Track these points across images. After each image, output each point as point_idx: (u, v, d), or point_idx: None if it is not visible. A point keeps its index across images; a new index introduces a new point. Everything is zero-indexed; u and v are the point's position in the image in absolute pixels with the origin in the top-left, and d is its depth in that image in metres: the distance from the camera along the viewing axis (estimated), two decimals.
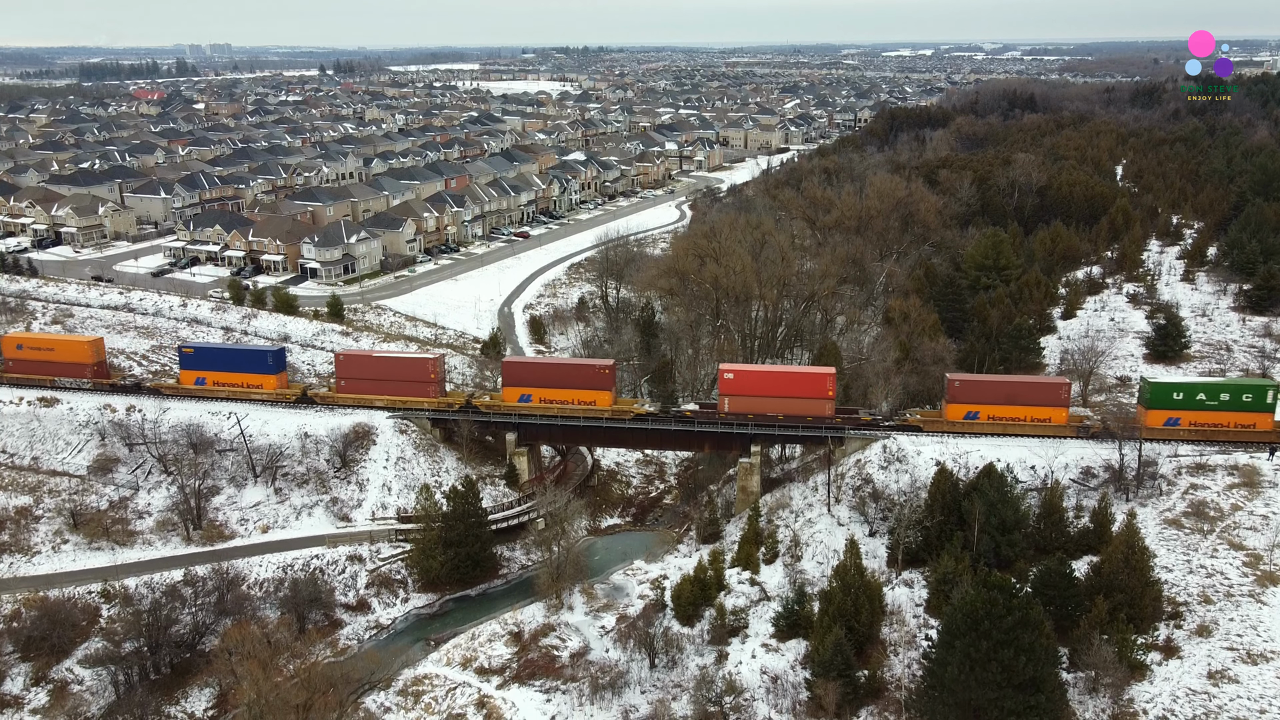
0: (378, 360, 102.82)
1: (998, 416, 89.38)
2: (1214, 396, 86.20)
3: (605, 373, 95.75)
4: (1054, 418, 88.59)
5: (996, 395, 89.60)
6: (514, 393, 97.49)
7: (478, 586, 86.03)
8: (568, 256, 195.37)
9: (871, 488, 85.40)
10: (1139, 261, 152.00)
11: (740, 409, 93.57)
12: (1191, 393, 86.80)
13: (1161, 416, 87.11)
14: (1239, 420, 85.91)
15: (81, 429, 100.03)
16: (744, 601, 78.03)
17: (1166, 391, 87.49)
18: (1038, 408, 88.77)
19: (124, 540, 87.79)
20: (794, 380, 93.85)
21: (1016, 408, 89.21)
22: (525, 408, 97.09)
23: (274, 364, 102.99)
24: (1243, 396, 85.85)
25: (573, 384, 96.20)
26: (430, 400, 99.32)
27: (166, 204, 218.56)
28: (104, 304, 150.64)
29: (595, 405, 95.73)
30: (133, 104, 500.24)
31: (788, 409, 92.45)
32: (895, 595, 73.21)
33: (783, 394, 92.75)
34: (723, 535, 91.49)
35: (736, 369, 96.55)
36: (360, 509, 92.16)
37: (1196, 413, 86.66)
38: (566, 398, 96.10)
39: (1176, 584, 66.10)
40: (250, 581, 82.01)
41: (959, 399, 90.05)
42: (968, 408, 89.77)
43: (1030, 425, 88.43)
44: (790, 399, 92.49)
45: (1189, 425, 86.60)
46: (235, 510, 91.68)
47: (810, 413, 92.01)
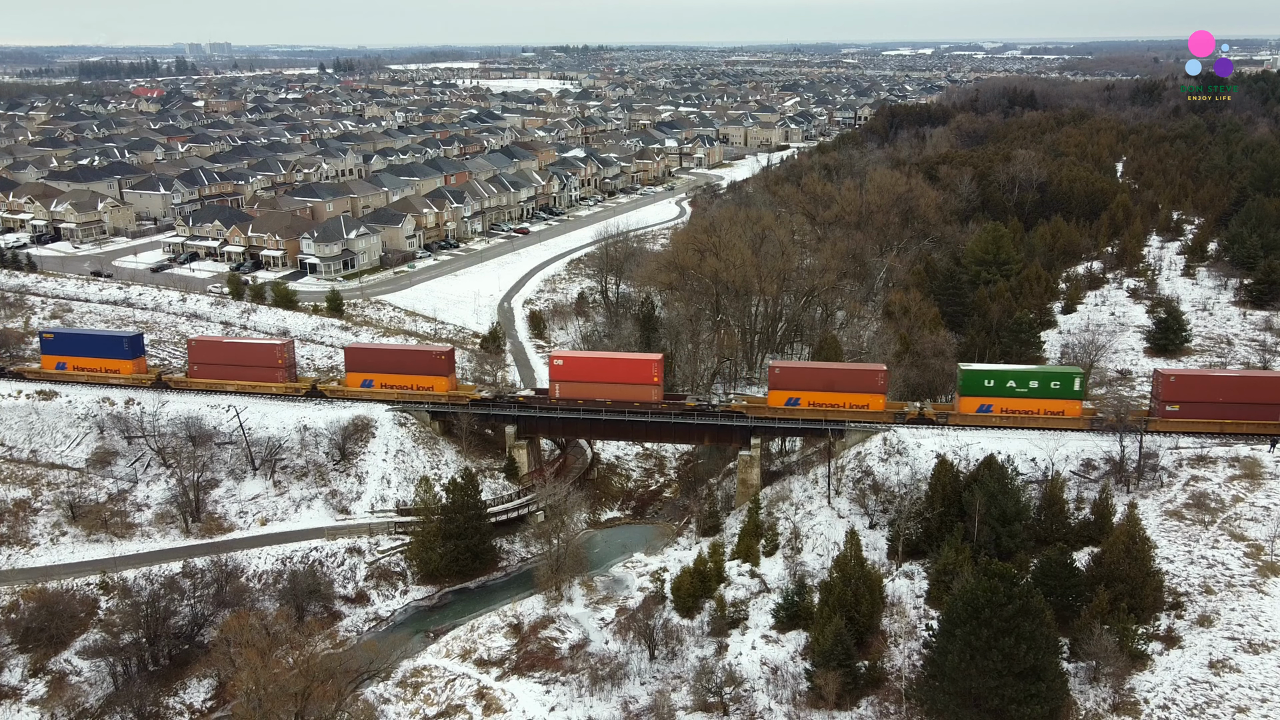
0: (228, 346, 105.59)
1: (817, 403, 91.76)
2: (1024, 384, 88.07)
3: (443, 359, 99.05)
4: (871, 404, 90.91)
5: (816, 382, 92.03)
6: (357, 378, 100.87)
7: (477, 579, 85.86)
8: (568, 252, 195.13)
9: (872, 480, 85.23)
10: (1139, 257, 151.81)
11: (571, 394, 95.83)
12: (1002, 380, 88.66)
13: (975, 403, 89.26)
14: (1049, 407, 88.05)
15: (80, 422, 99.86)
16: (744, 593, 77.85)
17: (978, 379, 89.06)
18: (856, 394, 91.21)
19: (123, 532, 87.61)
20: (620, 366, 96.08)
21: (836, 394, 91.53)
22: (368, 393, 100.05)
23: (130, 349, 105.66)
24: (1051, 384, 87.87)
25: (412, 369, 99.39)
26: (279, 385, 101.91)
27: (166, 200, 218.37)
28: (103, 299, 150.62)
29: (433, 390, 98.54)
30: (132, 102, 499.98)
31: (615, 394, 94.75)
32: (895, 586, 73.04)
33: (610, 380, 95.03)
34: (723, 528, 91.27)
35: (566, 355, 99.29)
36: (359, 501, 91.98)
37: (1008, 399, 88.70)
38: (406, 383, 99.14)
39: (1177, 574, 65.88)
40: (249, 574, 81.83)
41: (780, 385, 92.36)
42: (789, 394, 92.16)
43: (850, 411, 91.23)
44: (618, 384, 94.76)
45: (1000, 412, 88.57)
46: (234, 503, 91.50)
47: (637, 398, 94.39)
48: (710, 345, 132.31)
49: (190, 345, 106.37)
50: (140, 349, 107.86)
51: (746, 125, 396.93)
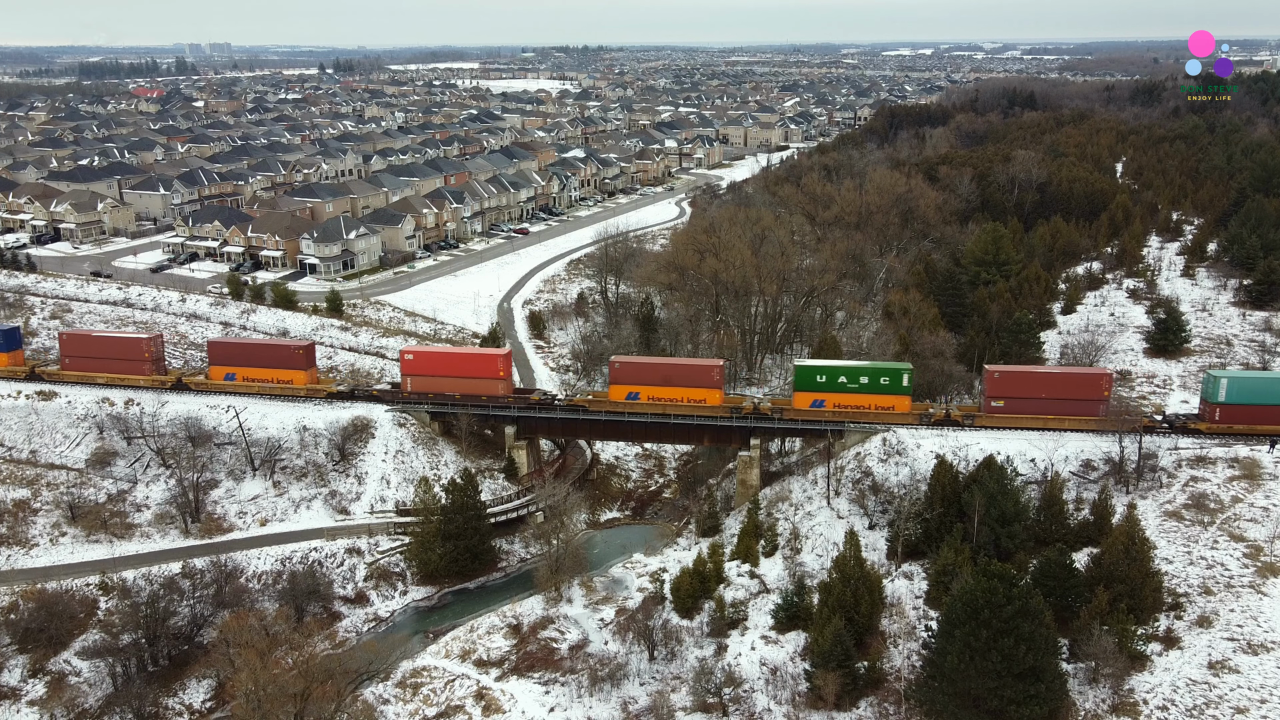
0: (97, 339, 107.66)
1: (656, 397, 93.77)
2: (854, 379, 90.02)
3: (300, 353, 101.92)
4: (708, 399, 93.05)
5: (654, 377, 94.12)
6: (220, 371, 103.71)
7: (476, 579, 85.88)
8: (567, 253, 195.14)
9: (871, 480, 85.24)
10: (1139, 257, 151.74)
11: (421, 387, 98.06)
12: (833, 375, 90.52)
13: (808, 398, 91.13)
14: (879, 402, 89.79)
15: (80, 422, 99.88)
16: (743, 594, 77.85)
17: (811, 374, 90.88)
18: (693, 389, 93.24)
19: (122, 533, 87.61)
20: (468, 361, 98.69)
21: (674, 389, 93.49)
22: (230, 386, 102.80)
23: (4, 343, 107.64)
24: (880, 379, 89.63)
25: (272, 363, 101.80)
26: (145, 379, 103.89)
27: (165, 200, 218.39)
28: (103, 299, 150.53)
29: (292, 384, 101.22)
30: (132, 102, 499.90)
31: (463, 388, 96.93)
32: (895, 587, 73.04)
33: (459, 374, 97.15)
34: (722, 529, 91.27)
35: (416, 350, 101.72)
36: (359, 502, 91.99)
37: (839, 394, 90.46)
38: (266, 376, 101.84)
39: (1177, 575, 65.89)
40: (249, 574, 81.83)
41: (620, 380, 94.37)
42: (629, 388, 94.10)
43: (687, 405, 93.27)
44: (466, 378, 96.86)
45: (833, 407, 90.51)
46: (233, 503, 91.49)
47: (485, 392, 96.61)
48: (710, 346, 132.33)
49: (61, 338, 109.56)
50: (16, 343, 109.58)
51: (746, 126, 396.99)
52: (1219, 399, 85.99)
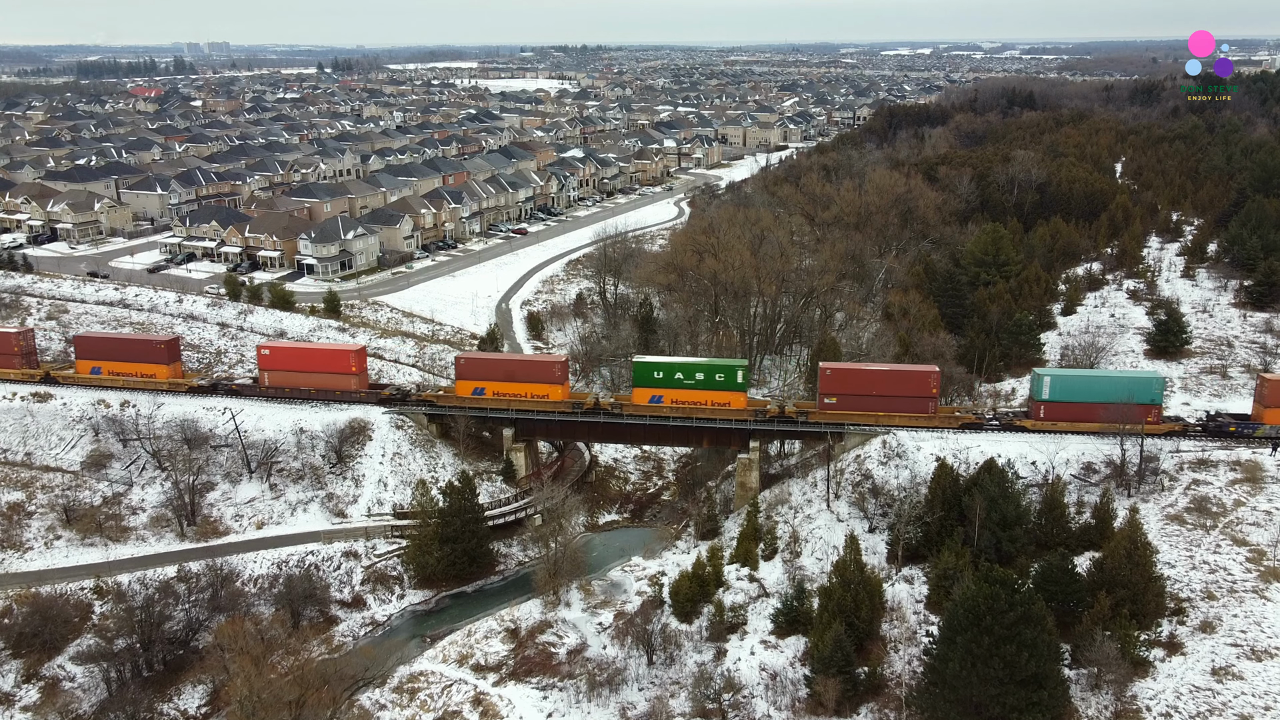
0: None
1: (501, 393, 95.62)
2: (690, 376, 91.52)
3: (163, 348, 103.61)
4: (550, 394, 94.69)
5: (498, 372, 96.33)
6: (86, 365, 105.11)
7: (474, 583, 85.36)
8: (566, 253, 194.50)
9: (871, 483, 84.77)
10: (1139, 258, 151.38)
11: (278, 382, 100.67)
12: (670, 371, 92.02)
13: (646, 394, 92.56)
14: (715, 398, 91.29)
15: (75, 424, 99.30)
16: (743, 598, 77.37)
17: (649, 370, 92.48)
18: (536, 384, 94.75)
19: (117, 536, 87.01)
20: (322, 356, 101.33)
21: (517, 384, 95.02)
22: (96, 380, 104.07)
23: None
24: (716, 376, 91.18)
25: (134, 358, 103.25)
26: (16, 372, 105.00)
27: (163, 200, 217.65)
28: (99, 300, 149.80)
29: (154, 378, 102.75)
30: (130, 101, 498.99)
31: (318, 383, 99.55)
32: (895, 591, 72.58)
33: (313, 369, 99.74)
34: (721, 531, 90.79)
35: (272, 345, 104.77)
36: (356, 505, 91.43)
37: (677, 390, 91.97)
38: (130, 370, 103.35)
39: (1179, 580, 65.46)
40: (245, 578, 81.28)
41: (465, 376, 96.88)
42: (475, 384, 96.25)
43: (530, 400, 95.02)
44: (320, 374, 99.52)
45: (671, 403, 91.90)
46: (230, 506, 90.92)
47: (338, 387, 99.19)
48: (710, 347, 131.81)
49: None
50: None
51: (745, 125, 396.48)
52: (1043, 396, 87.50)
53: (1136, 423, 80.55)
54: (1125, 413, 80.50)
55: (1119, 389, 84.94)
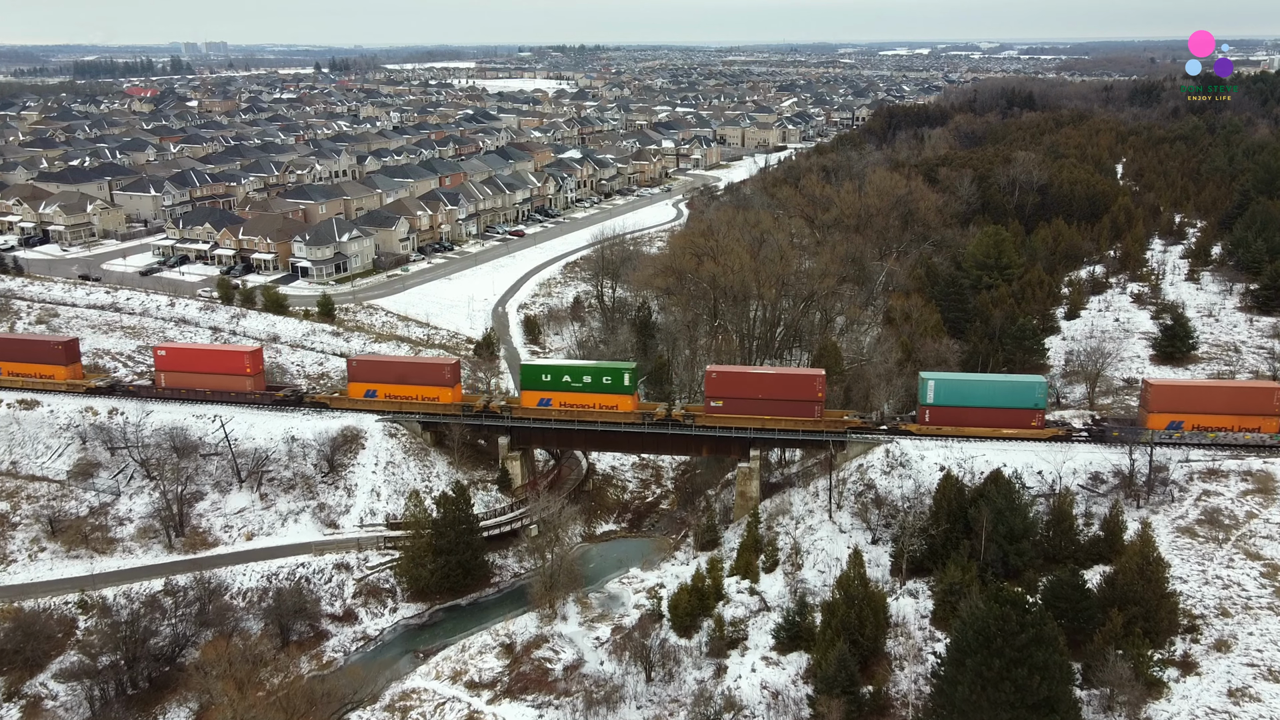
0: None
1: (393, 395, 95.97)
2: (578, 379, 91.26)
3: (60, 349, 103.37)
4: (441, 396, 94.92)
5: (389, 375, 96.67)
6: None
7: (469, 596, 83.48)
8: (563, 255, 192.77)
9: (874, 493, 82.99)
10: (1142, 260, 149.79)
11: (175, 383, 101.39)
12: (558, 374, 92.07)
13: (535, 397, 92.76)
14: (603, 401, 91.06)
15: (62, 432, 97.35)
16: (743, 612, 75.61)
17: (536, 373, 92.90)
18: (427, 387, 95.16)
19: (103, 548, 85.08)
20: (217, 358, 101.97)
21: (410, 387, 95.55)
22: None
23: None
24: (603, 379, 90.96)
25: (32, 359, 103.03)
26: None
27: (156, 201, 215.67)
28: (90, 303, 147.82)
29: (53, 379, 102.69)
30: (125, 101, 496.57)
31: (215, 384, 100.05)
32: (900, 606, 70.80)
33: (209, 370, 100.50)
34: (721, 542, 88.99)
35: (169, 347, 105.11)
36: (348, 515, 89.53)
37: (565, 394, 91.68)
38: (29, 370, 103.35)
39: (1192, 595, 63.72)
40: (233, 591, 79.38)
41: (358, 378, 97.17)
42: (367, 386, 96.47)
43: (421, 403, 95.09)
44: (216, 375, 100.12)
45: (559, 406, 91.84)
46: (219, 517, 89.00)
47: (233, 388, 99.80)
48: (708, 351, 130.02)
49: None
50: None
51: (744, 126, 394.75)
52: (927, 400, 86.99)
53: (1018, 427, 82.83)
54: (1006, 418, 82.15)
55: (1002, 393, 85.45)
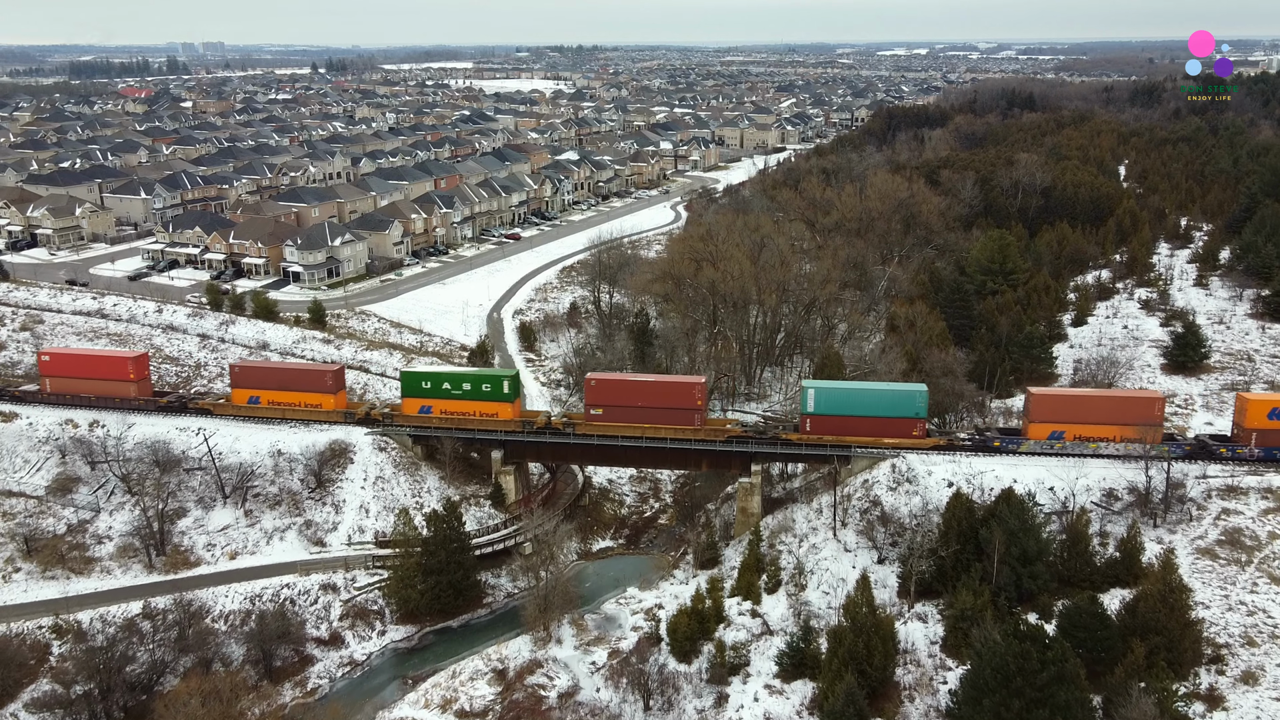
0: None
1: (276, 401, 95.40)
2: (458, 386, 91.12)
3: None
4: (324, 404, 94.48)
5: (271, 381, 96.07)
6: None
7: (460, 617, 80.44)
8: (560, 259, 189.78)
9: (880, 510, 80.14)
10: (1149, 265, 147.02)
11: (60, 389, 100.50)
12: (438, 382, 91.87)
13: (416, 404, 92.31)
14: (483, 409, 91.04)
15: (41, 445, 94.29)
16: (745, 635, 72.74)
17: (416, 381, 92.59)
18: (309, 394, 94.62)
19: (81, 568, 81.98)
20: (102, 363, 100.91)
21: (291, 393, 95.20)
22: None
23: None
24: (483, 386, 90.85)
25: None
26: None
27: (147, 204, 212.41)
28: (76, 309, 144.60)
29: None
30: (119, 102, 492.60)
31: (99, 389, 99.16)
32: (908, 631, 67.93)
33: (93, 375, 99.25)
34: (721, 560, 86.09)
35: (53, 352, 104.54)
36: (336, 532, 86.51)
37: (446, 401, 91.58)
38: None
39: (1215, 622, 60.94)
40: (215, 614, 76.36)
41: (240, 384, 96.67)
42: (250, 392, 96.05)
43: (304, 410, 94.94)
44: (100, 380, 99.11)
45: (440, 413, 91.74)
46: (202, 534, 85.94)
47: (118, 394, 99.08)
48: (708, 358, 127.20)
49: None
50: None
51: (742, 127, 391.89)
52: (808, 409, 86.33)
53: (900, 436, 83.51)
54: (888, 427, 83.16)
55: (884, 402, 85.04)
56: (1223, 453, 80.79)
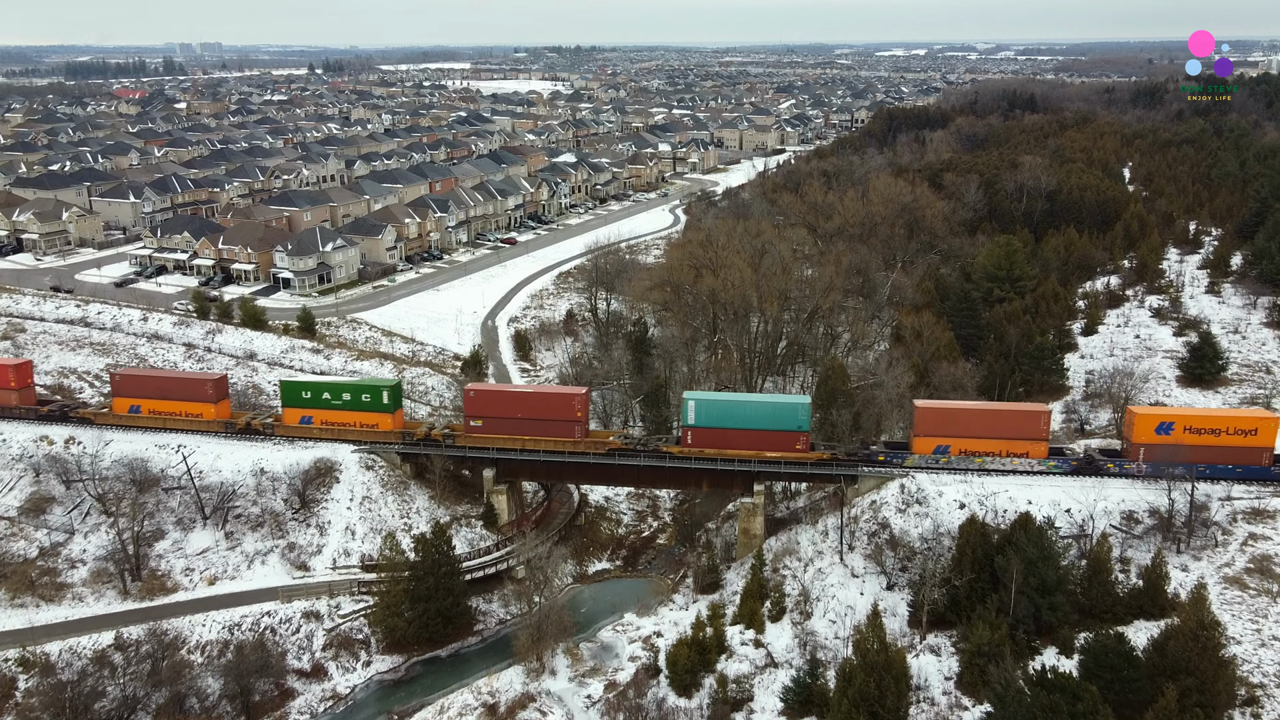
0: None
1: (157, 411, 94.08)
2: (338, 396, 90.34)
3: None
4: (204, 413, 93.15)
5: (151, 390, 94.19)
6: None
7: (449, 646, 76.87)
8: (556, 264, 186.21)
9: (889, 533, 76.61)
10: (1159, 272, 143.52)
11: None
12: (318, 391, 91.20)
13: (297, 415, 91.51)
14: (364, 419, 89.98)
15: (14, 464, 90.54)
16: (748, 667, 69.23)
17: (297, 390, 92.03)
18: (190, 403, 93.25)
19: (51, 595, 78.25)
20: None
21: (172, 402, 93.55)
22: None
23: None
24: (362, 396, 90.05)
25: None
26: None
27: (136, 208, 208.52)
28: (59, 318, 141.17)
29: None
30: (112, 103, 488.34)
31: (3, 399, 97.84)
32: (921, 664, 64.36)
33: None
34: (723, 584, 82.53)
35: None
36: (320, 556, 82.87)
37: (326, 411, 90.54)
38: None
39: (1248, 659, 57.34)
40: (191, 644, 72.78)
41: (121, 393, 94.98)
42: (131, 401, 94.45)
43: (184, 420, 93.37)
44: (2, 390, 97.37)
45: (321, 424, 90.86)
46: (180, 558, 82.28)
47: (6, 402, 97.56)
48: (708, 369, 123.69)
49: None
50: None
51: (741, 128, 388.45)
52: (689, 421, 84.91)
53: (782, 450, 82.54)
54: (771, 440, 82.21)
55: (765, 415, 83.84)
56: (1110, 468, 79.34)
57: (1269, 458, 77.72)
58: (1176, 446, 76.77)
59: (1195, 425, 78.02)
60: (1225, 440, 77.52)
